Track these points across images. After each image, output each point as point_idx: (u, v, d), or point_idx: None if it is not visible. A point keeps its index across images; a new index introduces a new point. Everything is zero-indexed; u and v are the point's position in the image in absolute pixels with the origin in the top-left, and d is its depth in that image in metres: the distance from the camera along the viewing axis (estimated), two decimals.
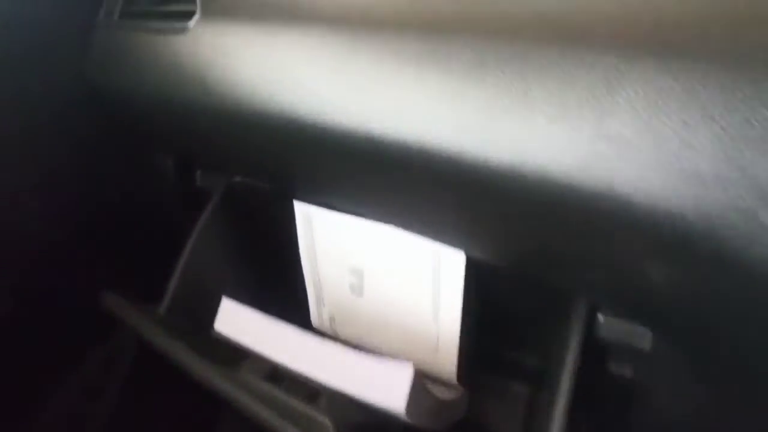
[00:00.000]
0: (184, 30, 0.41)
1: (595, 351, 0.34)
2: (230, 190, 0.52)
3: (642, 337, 0.32)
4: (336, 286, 0.49)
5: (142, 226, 0.56)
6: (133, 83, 0.45)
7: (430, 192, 0.32)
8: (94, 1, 0.50)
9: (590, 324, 0.34)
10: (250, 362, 0.41)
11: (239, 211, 0.52)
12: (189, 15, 0.41)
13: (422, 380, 0.37)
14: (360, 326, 0.51)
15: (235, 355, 0.42)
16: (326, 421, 0.35)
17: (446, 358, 0.45)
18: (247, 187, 0.51)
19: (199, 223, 0.50)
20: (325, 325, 0.54)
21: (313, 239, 0.48)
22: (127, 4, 0.48)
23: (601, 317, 0.33)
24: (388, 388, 0.35)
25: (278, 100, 0.35)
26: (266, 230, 0.53)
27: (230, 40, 0.38)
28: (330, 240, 0.47)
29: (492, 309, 0.44)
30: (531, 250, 0.32)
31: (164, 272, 0.49)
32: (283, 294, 0.53)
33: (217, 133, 0.42)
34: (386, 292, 0.46)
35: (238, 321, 0.43)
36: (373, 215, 0.42)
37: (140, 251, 0.56)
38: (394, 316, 0.47)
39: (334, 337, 0.53)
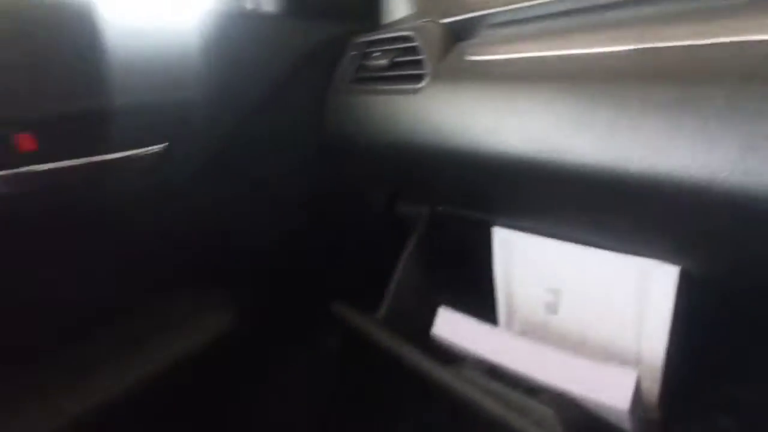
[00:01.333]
0: (415, 90, 0.51)
1: None
2: (433, 217, 0.60)
3: None
4: (530, 306, 0.54)
5: (357, 248, 0.67)
6: (363, 135, 0.57)
7: (643, 209, 0.36)
8: (328, 70, 0.63)
9: None
10: (467, 364, 0.47)
11: (439, 236, 0.60)
12: (417, 78, 0.51)
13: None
14: (552, 343, 0.54)
15: (451, 357, 0.49)
16: (549, 411, 0.39)
17: (647, 381, 0.46)
18: (447, 215, 0.59)
19: (408, 245, 0.59)
20: None
21: (509, 261, 0.53)
22: (359, 71, 0.61)
23: None
24: (611, 388, 0.38)
25: (503, 141, 0.42)
26: (461, 253, 0.60)
27: (458, 97, 0.46)
28: (527, 261, 0.52)
29: (709, 332, 0.43)
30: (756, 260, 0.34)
31: (373, 289, 0.58)
32: (474, 312, 0.58)
33: (434, 171, 0.51)
34: (584, 310, 0.50)
35: (455, 327, 0.49)
36: (574, 236, 0.47)
37: (354, 270, 0.66)
38: (592, 334, 0.50)
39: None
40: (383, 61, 0.57)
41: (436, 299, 0.55)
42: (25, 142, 0.39)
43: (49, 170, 0.41)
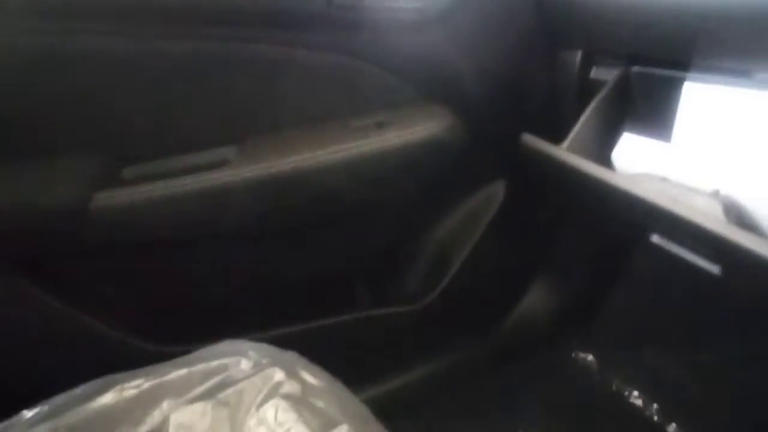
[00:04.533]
0: None
1: None
2: (624, 78, 0.70)
3: None
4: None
5: (541, 100, 0.79)
6: None
7: None
8: None
9: None
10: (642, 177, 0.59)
11: (626, 94, 0.70)
12: None
13: None
14: None
15: None
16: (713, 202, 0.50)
17: None
18: (640, 75, 0.68)
19: (597, 97, 0.70)
20: None
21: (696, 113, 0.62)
22: None
23: None
24: None
25: None
26: (647, 108, 0.69)
27: None
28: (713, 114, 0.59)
29: None
30: None
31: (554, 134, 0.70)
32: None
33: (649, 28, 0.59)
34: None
35: (635, 149, 0.61)
36: None
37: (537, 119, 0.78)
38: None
39: None
40: None
41: (617, 140, 0.67)
42: None
43: None
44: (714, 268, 0.55)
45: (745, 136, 0.55)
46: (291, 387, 0.46)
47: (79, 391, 0.47)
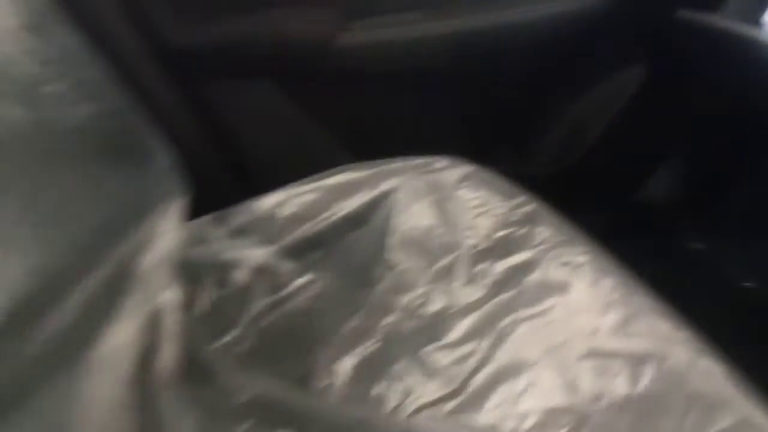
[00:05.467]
0: None
1: None
2: None
3: None
4: None
5: None
6: None
7: None
8: None
9: None
10: None
11: None
12: None
13: None
14: None
15: None
16: None
17: None
18: None
19: None
20: None
21: None
22: None
23: None
24: None
25: None
26: None
27: None
28: None
29: None
30: None
31: None
32: None
33: None
34: None
35: None
36: None
37: None
38: None
39: None
40: None
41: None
42: None
43: None
44: None
45: None
46: (480, 175, 0.63)
47: (327, 173, 0.67)
